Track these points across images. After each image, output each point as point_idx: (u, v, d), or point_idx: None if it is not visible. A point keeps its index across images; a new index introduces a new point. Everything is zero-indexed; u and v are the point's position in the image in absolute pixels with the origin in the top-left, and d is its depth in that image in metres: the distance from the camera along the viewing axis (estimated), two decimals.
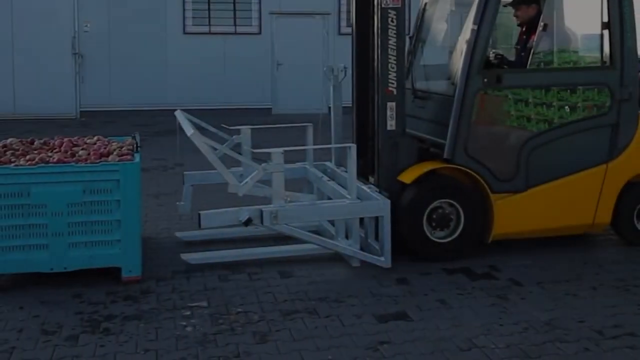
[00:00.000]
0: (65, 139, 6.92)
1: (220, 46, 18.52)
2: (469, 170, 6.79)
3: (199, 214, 6.06)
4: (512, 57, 7.44)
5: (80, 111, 18.02)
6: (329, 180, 7.22)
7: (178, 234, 7.43)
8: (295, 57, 18.72)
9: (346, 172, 6.65)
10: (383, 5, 6.63)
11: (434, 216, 6.74)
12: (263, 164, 6.20)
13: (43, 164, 6.03)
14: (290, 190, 6.45)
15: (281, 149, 6.31)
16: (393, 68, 6.69)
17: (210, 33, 18.70)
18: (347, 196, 6.54)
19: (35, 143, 6.91)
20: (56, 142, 6.89)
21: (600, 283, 6.32)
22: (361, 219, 6.76)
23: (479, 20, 6.71)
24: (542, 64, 7.13)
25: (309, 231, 6.78)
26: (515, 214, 6.91)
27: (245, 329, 5.27)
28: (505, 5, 7.55)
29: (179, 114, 6.92)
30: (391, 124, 6.73)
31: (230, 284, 6.23)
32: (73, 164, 6.05)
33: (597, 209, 7.08)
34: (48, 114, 17.26)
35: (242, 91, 18.15)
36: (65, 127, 16.01)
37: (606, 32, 6.96)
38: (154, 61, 18.24)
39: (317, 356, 4.87)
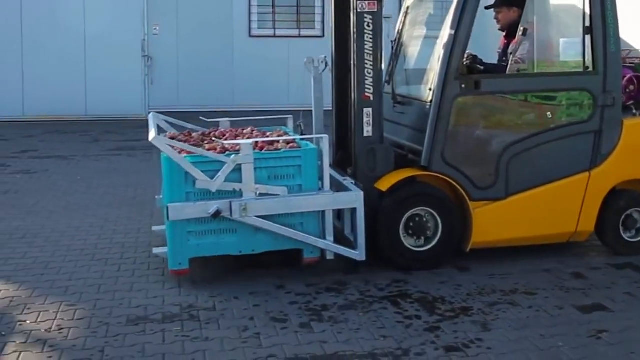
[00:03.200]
0: (226, 130, 7.11)
1: (284, 49, 18.61)
2: (446, 178, 6.68)
3: (167, 207, 6.11)
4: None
5: (149, 112, 18.37)
6: None
7: (154, 228, 7.48)
8: None
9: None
10: (359, 10, 6.55)
11: (411, 224, 6.64)
12: (232, 156, 6.16)
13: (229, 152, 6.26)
14: None
15: (251, 140, 6.34)
16: (369, 73, 6.61)
17: (274, 36, 18.86)
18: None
19: (193, 135, 7.04)
20: (217, 133, 7.02)
21: None
22: (339, 214, 6.71)
23: (457, 25, 6.60)
24: (522, 69, 6.97)
25: None
26: (494, 222, 6.77)
27: (463, 319, 5.58)
28: (487, 8, 7.42)
29: (151, 117, 7.00)
30: (368, 130, 6.65)
31: (414, 276, 6.52)
32: (258, 151, 6.28)
33: (580, 217, 6.90)
34: (118, 116, 17.60)
35: (305, 93, 18.20)
36: (139, 128, 16.31)
37: (589, 37, 6.77)
38: (220, 63, 18.47)
39: (546, 343, 5.13)
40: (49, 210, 8.83)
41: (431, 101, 6.67)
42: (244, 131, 7.08)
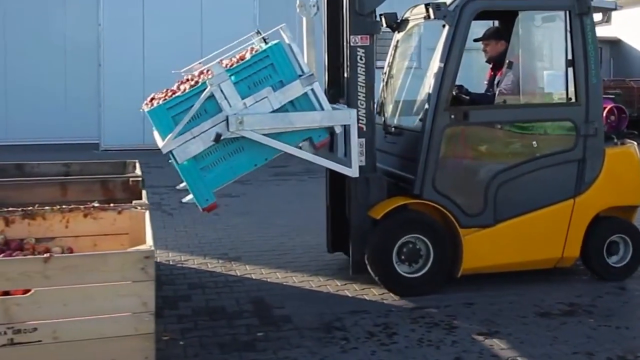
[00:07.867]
0: (196, 72, 6.89)
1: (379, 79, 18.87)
2: (437, 206, 6.89)
3: (171, 152, 6.16)
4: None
5: None
6: None
7: (178, 187, 7.29)
8: None
9: None
10: (352, 44, 6.79)
11: (404, 251, 6.83)
12: (207, 79, 6.23)
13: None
14: None
15: (215, 61, 6.40)
16: (362, 105, 6.83)
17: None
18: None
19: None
20: (189, 77, 6.84)
21: None
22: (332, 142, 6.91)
23: (445, 58, 6.86)
24: (508, 100, 7.23)
25: None
26: (484, 248, 6.99)
27: None
28: (475, 40, 7.67)
29: None
30: (361, 160, 6.79)
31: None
32: (229, 68, 6.33)
33: (565, 243, 7.14)
34: None
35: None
36: None
37: (571, 70, 7.07)
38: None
39: None
40: (305, 228, 9.43)
41: (422, 131, 6.90)
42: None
